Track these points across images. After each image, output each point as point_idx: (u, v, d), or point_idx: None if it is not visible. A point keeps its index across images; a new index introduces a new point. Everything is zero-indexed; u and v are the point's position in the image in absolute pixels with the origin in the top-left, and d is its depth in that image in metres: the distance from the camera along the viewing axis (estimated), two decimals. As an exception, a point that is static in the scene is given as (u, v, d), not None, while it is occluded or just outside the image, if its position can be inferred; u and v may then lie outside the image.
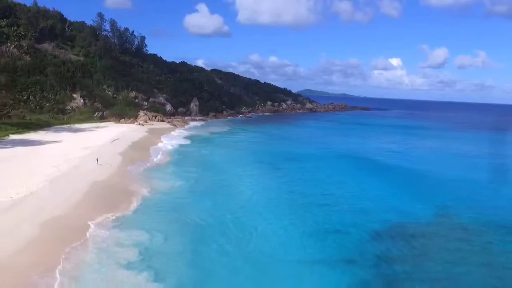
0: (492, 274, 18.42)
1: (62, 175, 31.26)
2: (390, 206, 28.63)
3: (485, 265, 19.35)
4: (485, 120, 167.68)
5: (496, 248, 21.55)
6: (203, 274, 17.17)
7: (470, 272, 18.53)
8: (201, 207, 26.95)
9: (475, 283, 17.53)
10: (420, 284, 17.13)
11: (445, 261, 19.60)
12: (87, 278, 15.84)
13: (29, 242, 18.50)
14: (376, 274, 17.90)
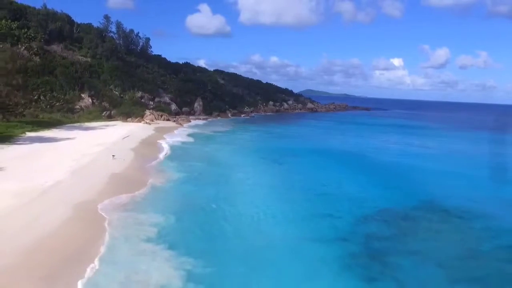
0: (464, 247, 21.44)
1: (83, 168, 34.30)
2: (380, 195, 31.63)
3: (458, 240, 22.40)
4: (484, 120, 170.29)
5: (469, 229, 24.51)
6: (209, 246, 20.12)
7: (445, 246, 21.55)
8: (206, 194, 30.03)
9: (449, 254, 20.54)
10: (401, 255, 20.08)
11: (424, 238, 22.65)
12: (118, 246, 18.88)
13: (68, 218, 21.52)
14: (364, 248, 20.83)
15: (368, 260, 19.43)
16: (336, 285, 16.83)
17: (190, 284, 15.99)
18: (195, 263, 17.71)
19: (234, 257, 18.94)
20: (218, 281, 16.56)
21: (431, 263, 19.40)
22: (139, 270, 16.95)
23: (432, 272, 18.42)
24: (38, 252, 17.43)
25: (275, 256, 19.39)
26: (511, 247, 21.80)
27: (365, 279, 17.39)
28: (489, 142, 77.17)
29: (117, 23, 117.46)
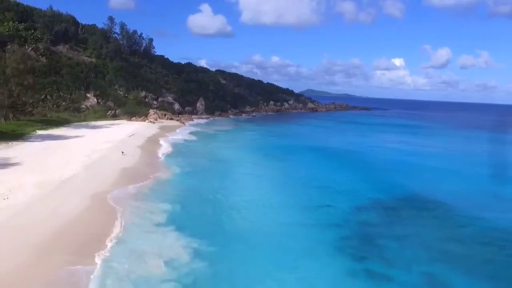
0: (445, 232, 23.64)
1: (95, 163, 36.56)
2: (373, 188, 33.97)
3: (440, 226, 24.69)
4: (481, 120, 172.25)
5: (452, 217, 26.75)
6: (213, 229, 22.32)
7: (428, 231, 23.80)
8: (209, 186, 32.46)
9: (431, 237, 22.77)
10: (388, 238, 22.27)
11: (410, 224, 25.00)
12: (132, 229, 21.13)
13: (87, 207, 23.77)
14: (355, 233, 23.04)
15: (358, 242, 21.62)
16: (330, 262, 18.98)
17: (197, 259, 18.19)
18: (201, 242, 19.90)
19: (236, 238, 21.16)
20: (221, 256, 18.76)
21: (415, 245, 21.58)
22: (152, 247, 19.21)
23: (415, 252, 20.58)
24: (66, 232, 19.67)
25: (274, 238, 21.60)
26: (488, 232, 23.94)
27: (355, 258, 19.56)
28: (483, 141, 79.54)
29: (121, 24, 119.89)
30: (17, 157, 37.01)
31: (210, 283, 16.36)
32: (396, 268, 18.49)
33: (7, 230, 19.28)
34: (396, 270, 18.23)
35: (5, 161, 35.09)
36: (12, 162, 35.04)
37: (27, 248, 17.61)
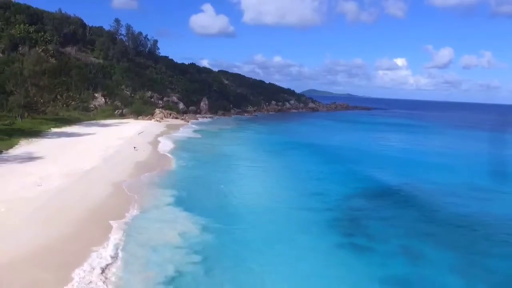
0: (424, 214, 27.03)
1: (111, 157, 40.00)
2: (363, 179, 37.66)
3: (420, 209, 28.11)
4: (479, 119, 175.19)
5: (431, 203, 30.19)
6: (217, 211, 25.55)
7: (409, 213, 27.21)
8: (214, 176, 36.13)
9: (411, 218, 26.14)
10: (373, 219, 25.63)
11: (392, 208, 28.47)
12: (149, 210, 24.52)
13: (110, 193, 27.19)
14: (344, 215, 26.35)
15: (346, 222, 24.91)
16: (322, 237, 22.23)
17: (205, 232, 21.48)
18: (208, 220, 23.19)
19: (239, 218, 24.51)
20: (226, 231, 22.00)
21: (394, 224, 24.86)
22: (166, 222, 22.65)
23: (394, 230, 23.82)
24: (97, 211, 23.12)
25: (272, 218, 24.95)
26: (460, 216, 27.26)
27: (343, 234, 22.83)
28: (476, 139, 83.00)
29: (127, 26, 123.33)
30: (39, 152, 40.46)
31: (217, 250, 19.60)
32: (376, 242, 21.78)
33: (49, 209, 22.75)
34: (376, 244, 21.52)
35: (30, 155, 38.57)
36: (36, 156, 38.51)
37: (71, 221, 21.17)
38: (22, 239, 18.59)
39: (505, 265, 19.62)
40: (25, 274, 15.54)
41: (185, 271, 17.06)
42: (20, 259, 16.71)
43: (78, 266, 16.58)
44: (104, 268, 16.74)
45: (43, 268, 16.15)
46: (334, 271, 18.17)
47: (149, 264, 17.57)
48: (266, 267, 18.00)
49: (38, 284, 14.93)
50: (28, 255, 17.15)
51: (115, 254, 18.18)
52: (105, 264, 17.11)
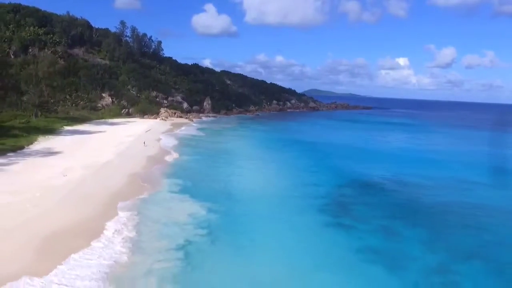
0: (403, 200, 30.52)
1: (123, 152, 43.56)
2: (353, 171, 41.60)
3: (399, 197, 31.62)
4: (476, 118, 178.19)
5: (412, 191, 33.64)
6: (221, 197, 28.95)
7: (392, 200, 30.69)
8: (217, 168, 40.22)
9: (394, 204, 29.57)
10: (359, 205, 29.19)
11: (376, 195, 32.02)
12: (159, 195, 27.98)
13: (127, 182, 30.73)
14: (334, 201, 29.79)
15: (335, 207, 28.35)
16: (313, 218, 25.55)
17: (211, 213, 24.86)
18: (212, 204, 26.56)
19: (240, 202, 27.95)
20: (229, 213, 25.40)
21: (378, 209, 28.23)
22: (175, 205, 26.20)
23: (377, 213, 27.17)
24: (116, 197, 26.67)
25: (271, 203, 28.47)
26: (437, 202, 30.77)
27: (331, 216, 26.19)
28: (468, 137, 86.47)
29: (132, 28, 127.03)
30: (57, 148, 44.08)
31: (220, 227, 22.95)
32: (359, 222, 25.20)
33: (76, 194, 26.35)
34: (359, 223, 24.95)
35: (49, 150, 42.19)
36: (55, 151, 42.12)
37: (95, 204, 24.77)
38: (58, 216, 22.12)
39: (467, 241, 22.99)
40: (63, 241, 19.06)
41: (193, 241, 20.49)
42: (59, 230, 20.23)
43: (102, 234, 20.16)
44: (123, 237, 20.30)
45: (76, 236, 19.70)
46: (321, 243, 21.68)
47: (161, 236, 21.04)
48: (264, 240, 21.46)
49: (73, 247, 18.40)
50: (64, 228, 20.67)
51: (133, 228, 21.66)
52: (124, 235, 20.59)
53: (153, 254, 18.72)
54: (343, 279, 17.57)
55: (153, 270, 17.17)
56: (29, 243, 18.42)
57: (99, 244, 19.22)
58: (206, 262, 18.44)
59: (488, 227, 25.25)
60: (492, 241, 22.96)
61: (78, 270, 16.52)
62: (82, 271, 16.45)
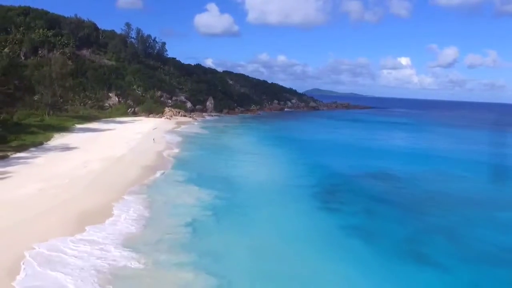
0: (386, 188, 34.26)
1: (135, 147, 47.35)
2: (344, 165, 45.65)
3: (384, 185, 35.50)
4: (475, 118, 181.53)
5: (395, 181, 37.37)
6: (224, 186, 32.52)
7: (374, 188, 34.59)
8: (220, 161, 44.47)
9: (375, 191, 33.31)
10: (346, 192, 32.98)
11: (363, 184, 35.97)
12: (168, 185, 31.61)
13: (141, 173, 34.53)
14: (324, 189, 33.53)
15: (325, 194, 32.06)
16: (306, 203, 29.20)
17: (216, 199, 28.44)
18: (217, 191, 30.12)
19: (240, 190, 31.49)
20: (230, 198, 28.93)
21: (363, 196, 31.90)
22: (183, 192, 29.86)
23: (361, 199, 30.84)
24: (132, 183, 30.43)
25: (267, 190, 32.24)
26: (419, 190, 34.50)
27: (321, 201, 29.82)
28: (454, 136, 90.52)
29: (137, 29, 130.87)
30: (73, 143, 47.87)
31: (224, 209, 26.54)
32: (345, 205, 29.03)
33: (97, 182, 30.22)
34: (345, 206, 28.77)
35: (66, 146, 45.97)
36: (72, 146, 45.91)
37: (115, 190, 28.50)
38: (86, 199, 25.90)
39: (435, 220, 26.70)
40: (93, 216, 22.82)
41: (199, 219, 24.09)
42: (88, 209, 23.98)
43: (123, 212, 23.96)
44: (139, 214, 24.09)
45: (101, 213, 23.48)
46: (311, 222, 25.40)
47: (172, 214, 24.72)
48: (261, 219, 25.17)
49: (100, 220, 22.18)
50: (92, 207, 24.42)
51: (147, 208, 25.42)
52: (140, 213, 24.32)
53: (164, 228, 22.42)
54: (327, 247, 21.24)
55: (164, 238, 20.85)
56: (66, 217, 22.18)
57: (121, 218, 23.05)
58: (211, 234, 22.06)
59: (455, 210, 29.14)
60: (457, 221, 26.61)
61: (104, 232, 20.79)
62: (107, 232, 20.81)
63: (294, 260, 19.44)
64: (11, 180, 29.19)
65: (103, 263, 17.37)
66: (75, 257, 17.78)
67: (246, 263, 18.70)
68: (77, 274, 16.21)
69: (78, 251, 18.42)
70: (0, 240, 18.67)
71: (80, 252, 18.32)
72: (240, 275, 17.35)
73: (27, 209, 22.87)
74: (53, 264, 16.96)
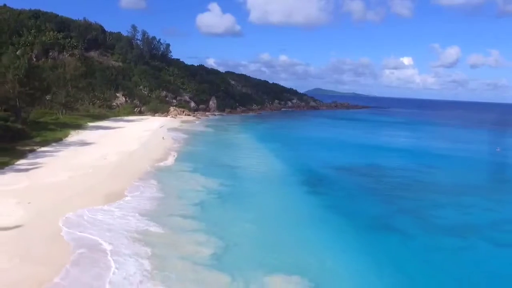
0: (371, 177, 38.70)
1: (145, 143, 51.99)
2: (334, 158, 50.52)
3: (369, 174, 39.78)
4: (473, 117, 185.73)
5: (380, 172, 41.81)
6: (228, 174, 37.09)
7: (359, 176, 39.08)
8: (224, 154, 49.60)
9: (360, 179, 37.87)
10: (332, 180, 37.58)
11: (350, 174, 40.38)
12: (176, 173, 36.16)
13: (152, 164, 39.16)
14: (314, 178, 38.06)
15: (314, 180, 36.80)
16: (298, 188, 33.81)
17: (221, 186, 32.81)
18: (222, 180, 34.47)
19: (241, 179, 35.97)
20: (232, 185, 33.28)
21: (349, 183, 36.65)
22: (191, 180, 34.38)
23: (347, 185, 35.48)
24: (146, 174, 35.03)
25: (265, 179, 36.80)
26: (399, 180, 39.02)
27: (310, 186, 34.37)
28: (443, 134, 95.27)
29: (143, 31, 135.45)
30: (89, 139, 52.49)
31: (227, 193, 30.97)
32: (331, 190, 33.76)
33: (117, 171, 34.84)
34: (331, 191, 33.50)
35: (83, 142, 50.61)
36: (89, 142, 50.55)
37: (134, 177, 33.14)
38: (110, 184, 30.51)
39: (405, 202, 31.18)
40: (116, 197, 27.39)
41: (206, 200, 28.57)
42: (111, 192, 28.56)
43: (140, 192, 28.51)
44: (153, 195, 28.72)
45: (123, 194, 28.04)
46: (301, 202, 30.23)
47: (181, 196, 29.23)
48: (259, 200, 29.86)
49: (122, 197, 26.78)
50: (116, 190, 29.01)
51: (160, 191, 30.00)
52: (154, 195, 28.90)
53: (176, 205, 27.07)
54: (313, 220, 25.89)
55: (177, 213, 25.41)
56: (95, 196, 26.85)
57: (139, 198, 27.73)
58: (217, 211, 26.57)
59: (425, 195, 33.94)
60: (424, 203, 31.29)
61: (126, 207, 25.47)
62: (130, 206, 25.61)
63: (285, 229, 24.05)
64: (44, 169, 33.83)
65: (128, 227, 22.03)
66: (105, 222, 22.64)
67: (248, 231, 23.23)
68: (108, 234, 20.90)
69: (107, 218, 23.17)
70: (47, 211, 23.30)
71: (108, 219, 23.08)
72: (243, 238, 21.86)
73: (64, 191, 27.54)
74: (89, 226, 21.76)
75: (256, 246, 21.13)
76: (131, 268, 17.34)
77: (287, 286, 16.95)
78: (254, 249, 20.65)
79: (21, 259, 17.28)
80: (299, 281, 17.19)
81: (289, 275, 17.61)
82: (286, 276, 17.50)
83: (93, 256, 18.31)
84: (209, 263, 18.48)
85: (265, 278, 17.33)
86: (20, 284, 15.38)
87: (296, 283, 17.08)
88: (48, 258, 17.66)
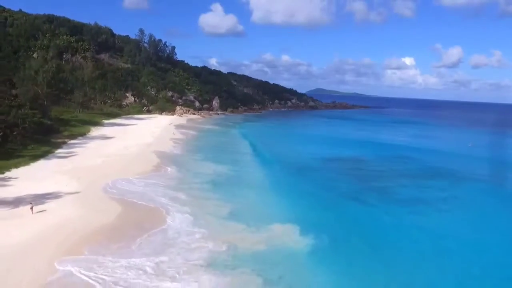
0: (358, 168, 45.79)
1: (158, 137, 59.23)
2: (328, 152, 56.92)
3: (358, 165, 46.81)
4: (469, 117, 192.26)
5: (367, 163, 48.80)
6: (233, 161, 44.09)
7: (348, 165, 46.00)
8: (230, 146, 57.02)
9: (349, 167, 44.90)
10: (325, 169, 44.57)
11: (342, 164, 47.38)
12: (186, 161, 43.29)
13: (167, 153, 46.33)
14: (308, 167, 45.12)
15: (308, 170, 43.85)
16: (290, 172, 40.98)
17: (229, 171, 39.98)
18: (228, 166, 41.68)
19: (245, 167, 43.15)
20: (238, 171, 40.46)
21: (337, 171, 43.75)
22: (200, 166, 41.46)
23: (334, 171, 42.70)
24: (161, 160, 42.24)
25: (265, 166, 43.94)
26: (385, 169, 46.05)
27: (300, 170, 41.64)
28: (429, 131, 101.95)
29: (150, 35, 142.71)
30: (109, 134, 59.74)
31: (234, 176, 38.06)
32: (315, 174, 40.84)
33: (137, 159, 42.02)
34: (315, 174, 40.62)
35: (105, 136, 57.84)
36: (109, 136, 57.77)
37: (153, 162, 40.33)
38: (135, 167, 37.76)
39: (379, 185, 38.17)
40: (142, 175, 34.60)
41: (216, 180, 35.76)
42: (138, 172, 35.78)
43: (159, 173, 35.70)
44: (171, 176, 35.84)
45: (148, 174, 35.25)
46: (292, 180, 37.72)
47: (194, 178, 36.35)
48: (260, 180, 37.27)
49: (148, 175, 34.01)
50: (142, 170, 36.25)
51: (176, 172, 37.21)
52: (173, 175, 36.08)
53: (192, 182, 34.29)
54: (299, 192, 33.17)
55: (194, 187, 32.65)
56: (127, 173, 34.14)
57: (160, 177, 34.86)
58: (227, 186, 33.86)
59: (394, 179, 41.26)
60: (392, 185, 38.41)
61: (152, 180, 32.55)
62: (154, 180, 32.88)
63: (280, 197, 31.88)
64: (79, 157, 41.14)
65: (157, 194, 29.33)
66: (139, 186, 30.17)
67: (254, 197, 31.36)
68: (141, 195, 28.22)
69: (139, 185, 30.65)
70: (94, 182, 30.64)
71: (140, 186, 30.59)
72: (249, 203, 29.71)
73: (101, 170, 34.91)
74: (127, 188, 29.04)
75: (259, 208, 28.61)
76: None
77: (283, 230, 24.41)
78: (258, 210, 28.34)
79: (87, 210, 24.68)
80: (292, 227, 24.94)
81: (284, 223, 25.47)
82: (282, 225, 25.38)
83: (135, 211, 25.63)
84: (228, 217, 26.22)
85: (269, 226, 24.92)
86: (92, 224, 22.67)
87: (289, 228, 24.80)
88: (104, 209, 25.04)
